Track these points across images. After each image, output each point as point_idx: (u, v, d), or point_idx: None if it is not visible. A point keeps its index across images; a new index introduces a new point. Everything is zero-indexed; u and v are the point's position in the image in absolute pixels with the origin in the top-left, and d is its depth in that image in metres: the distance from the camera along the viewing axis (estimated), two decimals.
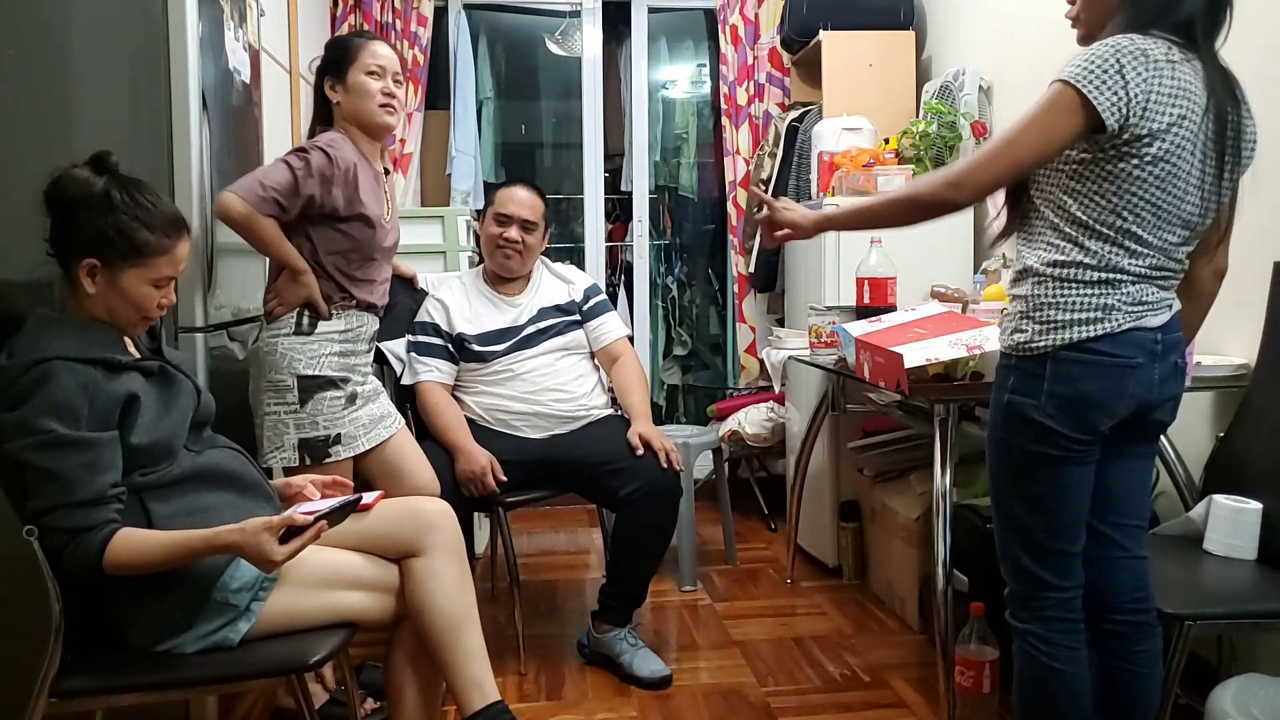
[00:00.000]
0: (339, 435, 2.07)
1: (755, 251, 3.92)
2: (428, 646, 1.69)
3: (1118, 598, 1.60)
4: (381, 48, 2.13)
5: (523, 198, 2.61)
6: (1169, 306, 1.50)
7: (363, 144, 2.13)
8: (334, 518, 1.55)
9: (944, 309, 2.32)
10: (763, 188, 3.79)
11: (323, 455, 2.05)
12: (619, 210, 4.68)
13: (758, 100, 4.04)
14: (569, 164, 4.74)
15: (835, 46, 3.53)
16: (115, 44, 1.88)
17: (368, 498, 1.74)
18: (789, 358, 2.98)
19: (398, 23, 3.85)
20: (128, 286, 1.49)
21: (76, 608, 1.48)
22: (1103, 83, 1.36)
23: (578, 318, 2.68)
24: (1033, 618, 1.57)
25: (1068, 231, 1.47)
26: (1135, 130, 1.39)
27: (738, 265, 4.11)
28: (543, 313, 2.64)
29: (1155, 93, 1.38)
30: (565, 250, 4.66)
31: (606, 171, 4.36)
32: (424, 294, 2.69)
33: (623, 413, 2.61)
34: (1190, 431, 2.09)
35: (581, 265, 4.12)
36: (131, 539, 1.42)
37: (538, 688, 2.40)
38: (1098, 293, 1.45)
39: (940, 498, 2.08)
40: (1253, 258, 1.91)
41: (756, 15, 4.02)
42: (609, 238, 4.51)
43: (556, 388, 2.58)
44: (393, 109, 2.12)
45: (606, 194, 4.37)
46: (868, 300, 2.54)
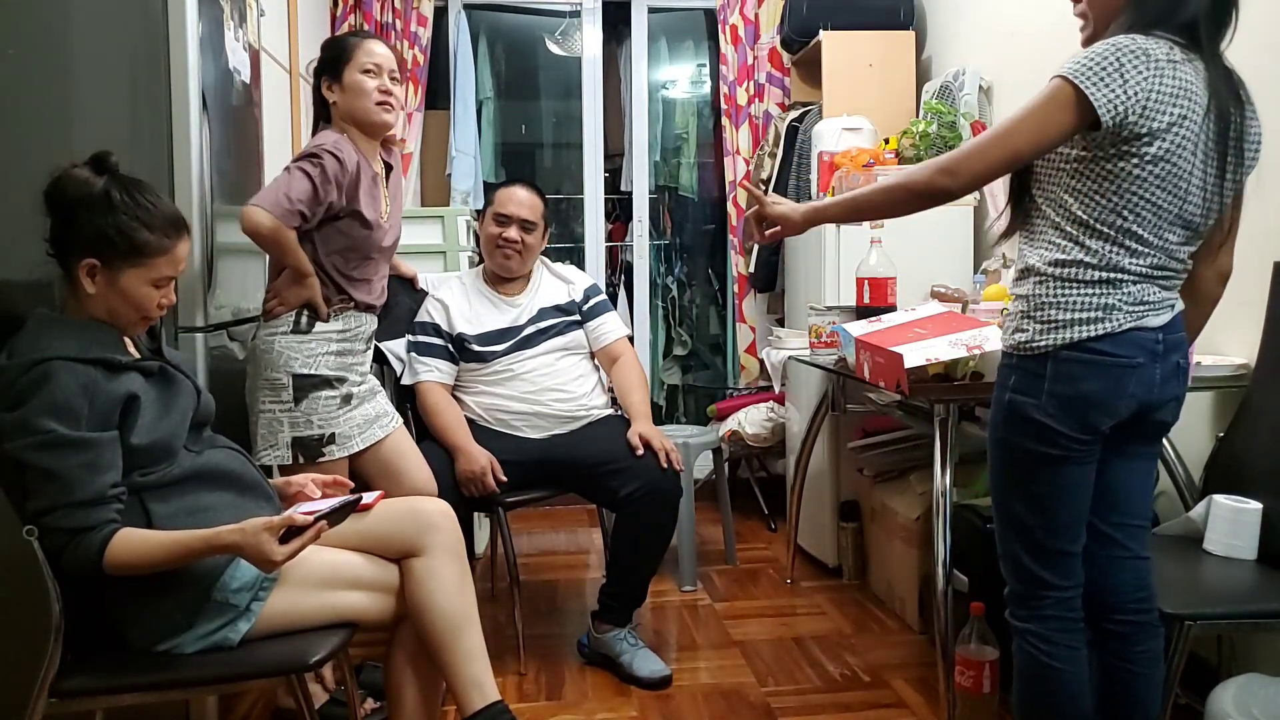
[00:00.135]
0: (333, 434, 2.08)
1: (755, 251, 3.92)
2: (428, 646, 1.69)
3: (1120, 598, 1.60)
4: (377, 45, 2.13)
5: (522, 197, 2.61)
6: (1171, 306, 1.50)
7: (361, 143, 2.13)
8: (334, 518, 1.55)
9: (944, 309, 2.32)
10: (762, 188, 3.79)
11: (316, 454, 2.06)
12: (619, 210, 4.67)
13: (758, 100, 4.04)
14: (569, 164, 4.74)
15: (835, 46, 3.53)
16: (115, 44, 1.88)
17: (368, 498, 1.74)
18: (789, 358, 2.98)
19: (397, 23, 3.85)
20: (128, 286, 1.49)
21: (76, 608, 1.48)
22: (1101, 80, 1.37)
23: (578, 318, 2.68)
24: (1032, 617, 1.57)
25: (1069, 231, 1.47)
26: (1134, 129, 1.39)
27: (738, 265, 4.11)
28: (543, 313, 2.64)
29: (1155, 92, 1.38)
30: (565, 250, 4.66)
31: (606, 171, 4.36)
32: (424, 294, 2.69)
33: (623, 413, 2.61)
34: (1190, 431, 2.08)
35: (581, 265, 4.12)
36: (131, 539, 1.42)
37: (538, 688, 2.40)
38: (1099, 292, 1.45)
39: (940, 498, 2.08)
40: (1253, 258, 1.91)
41: (756, 15, 4.02)
42: (609, 238, 4.51)
43: (556, 388, 2.58)
44: (390, 106, 2.12)
45: (606, 194, 4.37)
46: (868, 300, 2.54)
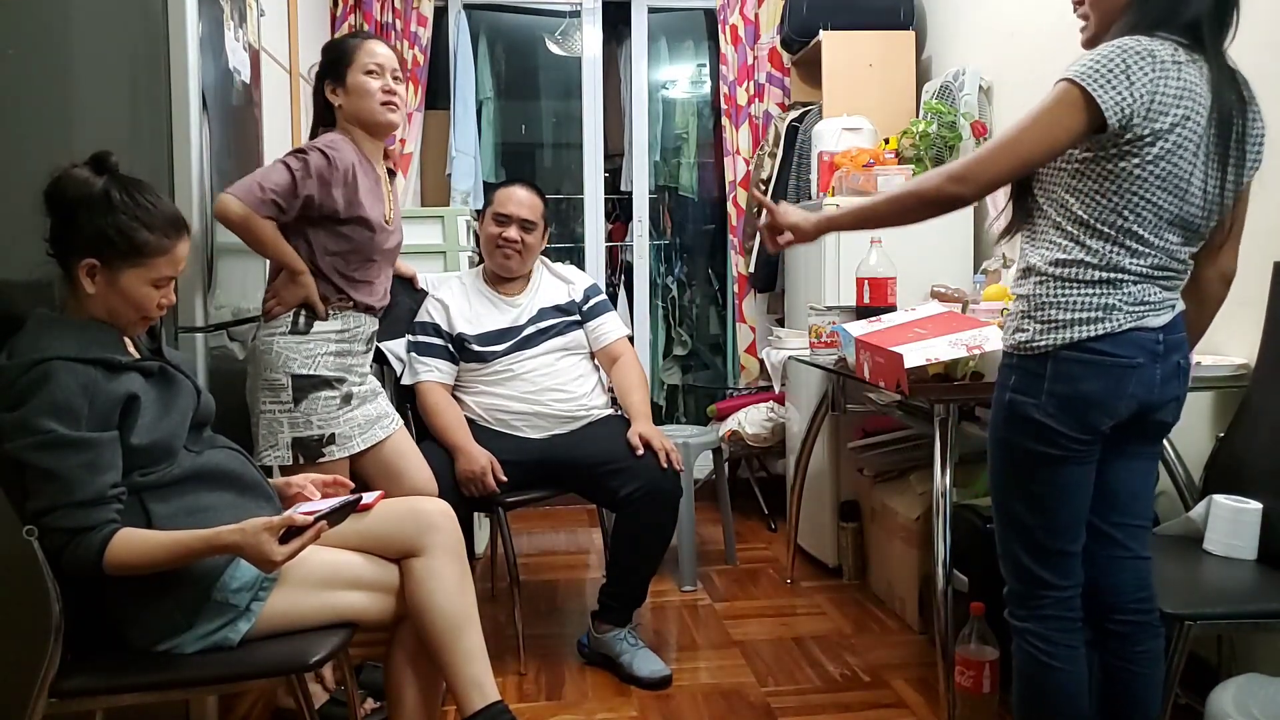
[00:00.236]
0: (333, 435, 2.07)
1: (755, 251, 3.92)
2: (428, 646, 1.69)
3: (1120, 598, 1.60)
4: (378, 46, 2.13)
5: (522, 197, 2.61)
6: (1172, 307, 1.50)
7: (365, 145, 2.13)
8: (334, 518, 1.55)
9: (944, 309, 2.32)
10: (763, 188, 3.79)
11: (316, 455, 2.05)
12: (619, 210, 4.67)
13: (758, 100, 4.04)
14: (569, 164, 4.74)
15: (835, 46, 3.53)
16: (115, 44, 1.88)
17: (368, 498, 1.74)
18: (789, 358, 2.98)
19: (398, 23, 3.85)
20: (127, 286, 1.49)
21: (76, 608, 1.48)
22: (1107, 82, 1.37)
23: (578, 318, 2.67)
24: (1032, 617, 1.57)
25: (1070, 230, 1.47)
26: (1138, 130, 1.39)
27: (738, 265, 4.11)
28: (543, 313, 2.64)
29: (1160, 93, 1.38)
30: (565, 250, 4.66)
31: (606, 171, 4.36)
32: (424, 294, 2.69)
33: (623, 413, 2.62)
34: (1190, 431, 2.09)
35: (581, 265, 4.12)
36: (131, 539, 1.42)
37: (538, 688, 2.40)
38: (1099, 292, 1.45)
39: (940, 498, 2.08)
40: (1253, 257, 1.91)
41: (756, 15, 4.02)
42: (609, 238, 4.51)
43: (556, 388, 2.58)
44: (394, 106, 2.12)
45: (606, 194, 4.37)
46: (868, 300, 2.54)
